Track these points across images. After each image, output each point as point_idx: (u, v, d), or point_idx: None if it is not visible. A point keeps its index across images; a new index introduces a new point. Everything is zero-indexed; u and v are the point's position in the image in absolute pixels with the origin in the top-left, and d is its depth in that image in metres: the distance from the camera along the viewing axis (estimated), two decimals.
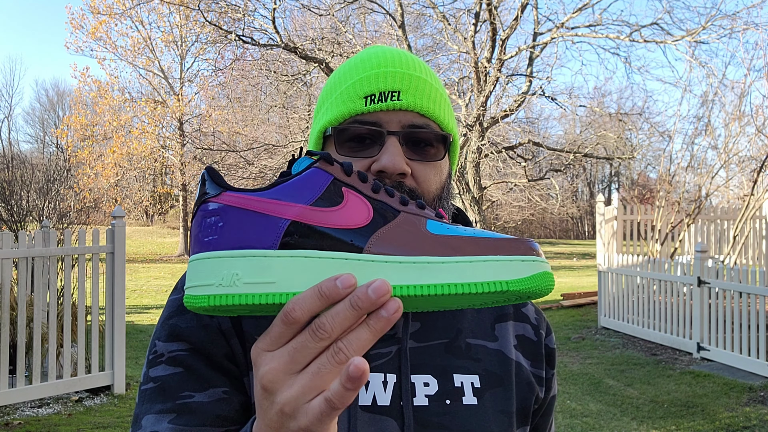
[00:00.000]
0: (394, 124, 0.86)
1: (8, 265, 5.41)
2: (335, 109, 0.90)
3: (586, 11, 11.44)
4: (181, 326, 0.84)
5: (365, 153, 0.86)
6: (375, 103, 0.86)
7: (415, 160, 0.87)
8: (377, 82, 0.87)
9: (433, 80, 0.93)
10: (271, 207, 0.56)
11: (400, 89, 0.87)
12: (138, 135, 24.83)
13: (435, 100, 0.90)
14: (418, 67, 0.91)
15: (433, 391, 0.85)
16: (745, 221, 9.81)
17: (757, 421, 5.20)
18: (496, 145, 12.03)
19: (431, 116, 0.88)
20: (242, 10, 10.83)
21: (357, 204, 0.57)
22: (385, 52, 0.92)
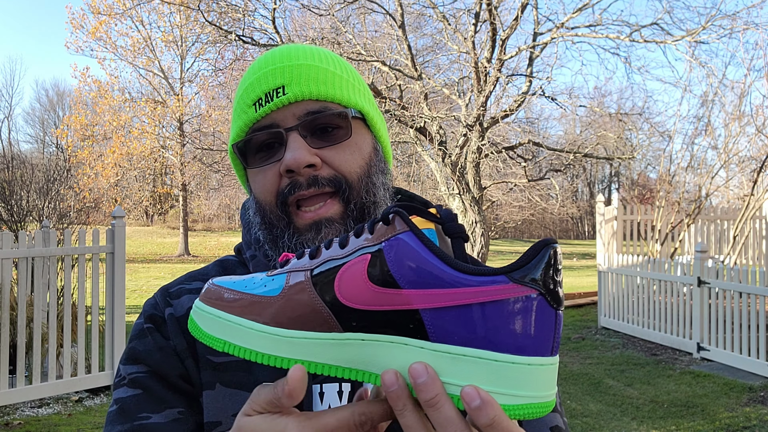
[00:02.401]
0: (289, 119, 0.84)
1: (8, 265, 5.41)
2: (235, 124, 0.88)
3: (586, 11, 11.43)
4: (139, 349, 0.86)
5: (274, 158, 0.84)
6: (263, 106, 0.84)
7: (324, 147, 0.84)
8: (260, 85, 0.85)
9: (325, 62, 0.89)
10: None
11: (283, 83, 0.84)
12: (138, 135, 24.83)
13: (326, 82, 0.86)
14: (303, 55, 0.88)
15: None
16: (745, 221, 9.81)
17: (757, 421, 5.20)
18: (496, 145, 12.03)
19: (326, 98, 0.85)
20: (242, 10, 10.83)
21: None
22: (268, 54, 0.90)
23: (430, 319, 0.51)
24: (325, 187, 0.83)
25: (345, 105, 0.87)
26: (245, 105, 0.86)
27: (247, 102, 0.86)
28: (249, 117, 0.85)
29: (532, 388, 0.50)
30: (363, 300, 0.53)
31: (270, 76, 0.85)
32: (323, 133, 0.85)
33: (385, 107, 10.24)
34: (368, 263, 0.53)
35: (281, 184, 0.84)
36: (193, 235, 28.97)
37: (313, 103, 0.84)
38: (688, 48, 10.54)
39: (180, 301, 0.89)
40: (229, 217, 37.62)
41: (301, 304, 0.55)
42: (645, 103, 20.20)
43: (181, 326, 0.86)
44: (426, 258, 0.51)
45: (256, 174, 0.87)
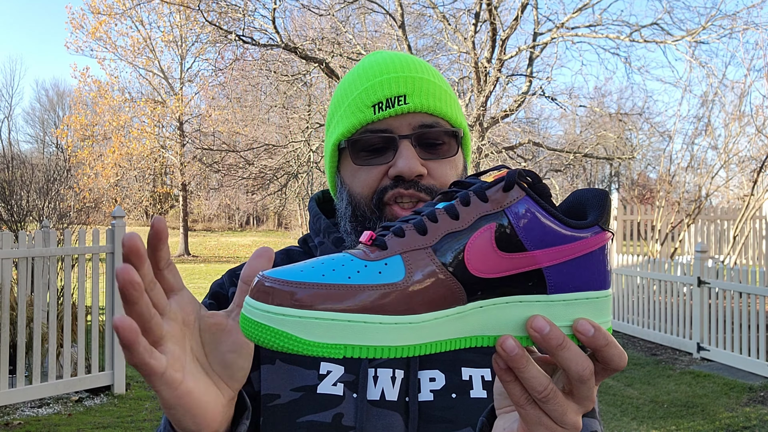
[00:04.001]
0: (404, 128, 0.89)
1: (8, 265, 5.41)
2: (346, 121, 0.92)
3: (586, 11, 11.43)
4: (212, 286, 0.98)
5: (381, 160, 0.89)
6: (383, 110, 0.88)
7: (430, 159, 0.90)
8: (383, 89, 0.89)
9: (437, 79, 0.94)
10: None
11: (405, 93, 0.89)
12: (138, 135, 24.82)
13: (441, 98, 0.91)
14: (420, 69, 0.93)
15: (440, 386, 0.85)
16: (745, 221, 9.81)
17: (757, 421, 5.20)
18: (496, 145, 12.03)
19: (440, 114, 0.90)
20: (242, 10, 10.83)
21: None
22: (386, 59, 0.94)
23: (552, 273, 0.55)
24: (422, 193, 0.88)
25: (453, 123, 0.93)
26: (363, 105, 0.90)
27: (366, 102, 0.90)
28: (366, 117, 0.89)
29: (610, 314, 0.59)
30: (492, 268, 0.54)
31: (393, 83, 0.90)
32: (431, 146, 0.90)
33: None
34: (494, 231, 0.54)
35: (381, 183, 0.89)
36: (193, 235, 28.97)
37: (428, 116, 0.90)
38: (688, 48, 10.55)
39: None
40: (229, 217, 37.61)
41: (434, 284, 0.53)
42: (645, 103, 20.21)
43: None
44: (546, 219, 0.55)
45: (358, 170, 0.91)
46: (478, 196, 0.55)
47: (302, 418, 0.82)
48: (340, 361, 0.86)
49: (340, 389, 0.84)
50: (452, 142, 0.92)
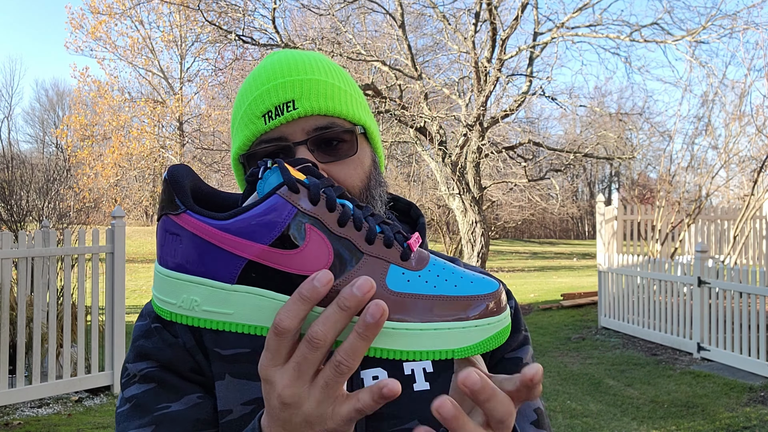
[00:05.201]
0: (298, 134, 0.86)
1: (8, 265, 5.41)
2: (240, 134, 0.90)
3: (586, 11, 11.43)
4: (148, 347, 0.87)
5: None
6: (273, 119, 0.86)
7: (331, 162, 0.87)
8: (270, 97, 0.87)
9: (331, 76, 0.91)
10: (230, 243, 0.55)
11: (294, 98, 0.86)
12: (137, 135, 24.81)
13: (334, 97, 0.88)
14: (311, 68, 0.90)
15: None
16: (745, 221, 9.81)
17: (758, 421, 5.20)
18: (496, 145, 12.02)
19: (334, 114, 0.88)
20: (242, 10, 10.82)
21: (318, 245, 0.55)
22: (274, 63, 0.91)
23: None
24: None
25: (351, 121, 0.89)
26: (253, 116, 0.87)
27: (255, 113, 0.87)
28: (257, 128, 0.87)
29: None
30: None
31: (280, 89, 0.87)
32: (330, 148, 0.87)
33: (385, 107, 10.24)
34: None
35: None
36: None
37: (322, 118, 0.87)
38: (689, 48, 10.54)
39: None
40: None
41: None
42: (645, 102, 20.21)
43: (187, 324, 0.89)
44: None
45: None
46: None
47: None
48: None
49: None
50: (352, 140, 0.89)
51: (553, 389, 6.26)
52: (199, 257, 0.55)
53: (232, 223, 0.55)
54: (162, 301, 0.58)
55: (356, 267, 0.56)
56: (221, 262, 0.55)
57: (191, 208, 0.56)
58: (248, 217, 0.55)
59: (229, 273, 0.55)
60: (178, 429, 0.81)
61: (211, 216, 0.56)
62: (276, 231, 0.54)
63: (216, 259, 0.55)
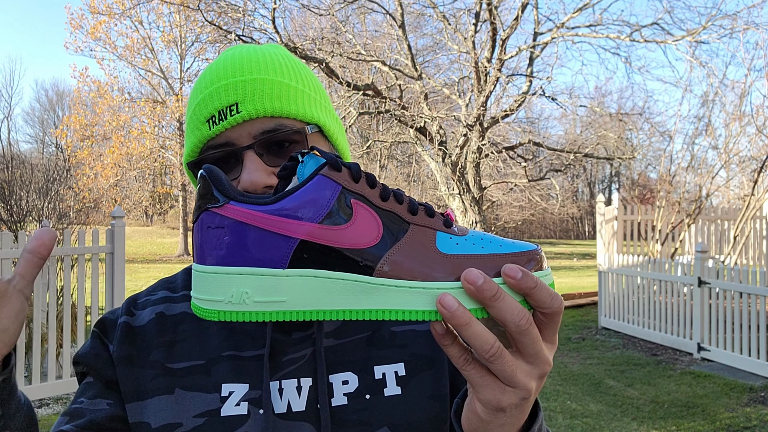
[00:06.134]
0: (245, 138, 0.82)
1: (8, 265, 5.41)
2: (188, 140, 0.87)
3: (586, 11, 11.44)
4: (81, 352, 0.90)
5: (231, 175, 0.82)
6: (217, 124, 0.82)
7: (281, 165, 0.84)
8: (212, 101, 0.83)
9: (281, 74, 0.86)
10: (279, 225, 0.54)
11: (237, 101, 0.82)
12: (137, 135, 24.82)
13: (281, 97, 0.84)
14: (257, 67, 0.85)
15: (353, 388, 0.82)
16: (745, 221, 9.80)
17: (758, 421, 5.20)
18: (496, 145, 12.03)
19: (281, 114, 0.83)
20: (242, 10, 10.82)
21: (366, 219, 0.56)
22: (219, 63, 0.87)
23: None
24: None
25: (302, 119, 0.85)
26: (198, 122, 0.84)
27: (200, 119, 0.84)
28: (203, 134, 0.84)
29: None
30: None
31: (222, 92, 0.83)
32: (280, 149, 0.83)
33: (385, 107, 10.24)
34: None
35: None
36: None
37: (269, 120, 0.82)
38: (689, 48, 10.54)
39: (143, 313, 0.91)
40: None
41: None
42: (645, 103, 20.22)
43: (134, 335, 0.88)
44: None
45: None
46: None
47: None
48: (243, 380, 0.82)
49: (244, 408, 0.80)
50: (303, 141, 0.84)
51: (553, 389, 6.26)
52: (247, 246, 0.55)
53: (281, 205, 0.55)
54: (206, 301, 0.56)
55: (406, 236, 0.57)
56: (272, 247, 0.54)
57: (234, 198, 0.56)
58: (295, 198, 0.55)
59: (281, 257, 0.54)
60: (79, 421, 0.82)
61: (257, 202, 0.56)
62: (324, 208, 0.55)
63: (266, 244, 0.54)
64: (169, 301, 0.91)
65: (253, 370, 0.83)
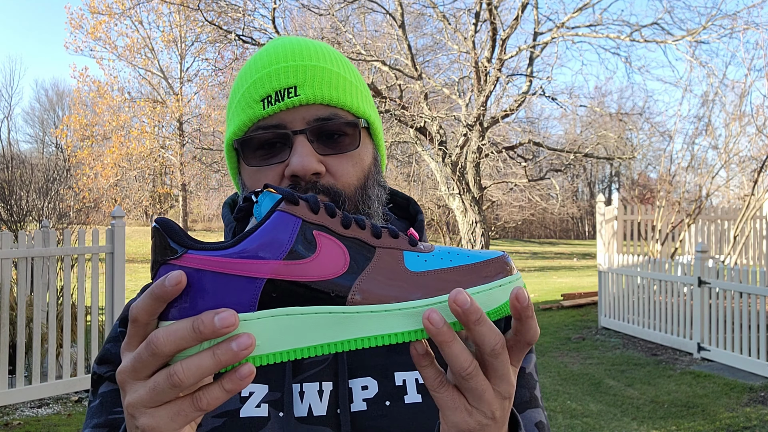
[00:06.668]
0: (298, 122, 0.81)
1: (8, 265, 5.40)
2: (237, 118, 0.85)
3: (586, 11, 11.44)
4: (112, 351, 0.88)
5: (277, 159, 0.82)
6: (273, 104, 0.81)
7: (329, 155, 0.82)
8: (271, 81, 0.82)
9: (336, 65, 0.86)
10: (242, 267, 0.52)
11: (296, 84, 0.81)
12: (137, 135, 24.82)
13: (338, 87, 0.83)
14: (315, 55, 0.85)
15: (372, 394, 0.81)
16: (745, 221, 9.80)
17: (758, 421, 5.20)
18: (496, 145, 12.03)
19: (337, 104, 0.83)
20: (242, 10, 10.82)
21: (331, 249, 0.55)
22: (277, 47, 0.87)
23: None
24: (322, 195, 0.80)
25: (354, 113, 0.85)
26: (251, 100, 0.83)
27: (254, 97, 0.83)
28: (255, 113, 0.82)
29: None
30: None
31: (282, 73, 0.82)
32: (330, 140, 0.83)
33: (385, 107, 10.23)
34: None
35: (280, 185, 0.81)
36: (193, 235, 28.86)
37: (324, 108, 0.82)
38: (689, 48, 10.54)
39: None
40: None
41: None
42: (645, 102, 20.22)
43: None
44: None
45: (255, 172, 0.84)
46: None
47: None
48: (263, 380, 0.81)
49: (265, 410, 0.79)
50: (354, 134, 0.84)
51: (553, 389, 6.26)
52: (212, 294, 0.52)
53: (241, 247, 0.53)
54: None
55: (373, 261, 0.56)
56: (237, 291, 0.52)
57: (192, 247, 0.53)
58: (255, 238, 0.53)
59: (249, 300, 0.52)
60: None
61: (215, 247, 0.53)
62: (286, 244, 0.53)
63: (230, 289, 0.52)
64: None
65: (275, 371, 0.82)
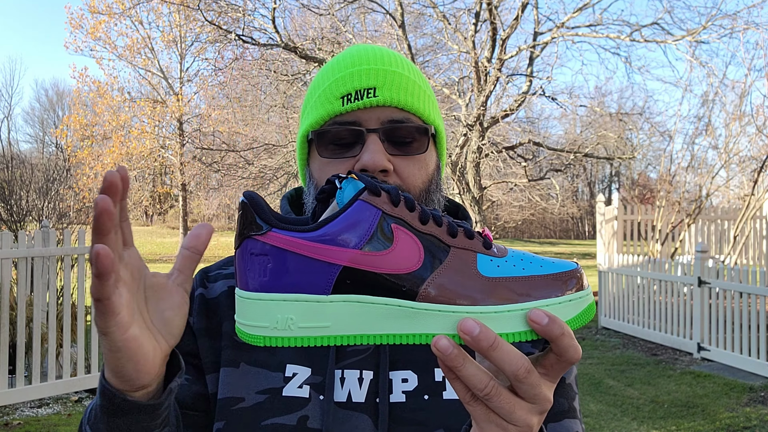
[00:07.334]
0: (373, 122, 0.87)
1: (8, 265, 5.40)
2: (315, 112, 0.90)
3: (586, 11, 11.44)
4: None
5: (348, 153, 0.87)
6: (352, 102, 0.86)
7: (398, 156, 0.87)
8: (352, 81, 0.87)
9: (412, 74, 0.92)
10: (322, 252, 0.55)
11: (375, 85, 0.87)
12: (137, 135, 24.81)
13: (413, 93, 0.89)
14: (394, 62, 0.91)
15: (412, 387, 0.84)
16: (745, 221, 9.81)
17: (758, 421, 5.20)
18: (496, 145, 12.03)
19: (410, 109, 0.88)
20: (242, 10, 10.82)
21: (407, 243, 0.56)
22: (360, 51, 0.92)
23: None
24: None
25: (425, 120, 0.90)
26: (332, 96, 0.88)
27: (335, 94, 0.88)
28: (334, 108, 0.87)
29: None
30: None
31: (363, 74, 0.88)
32: (400, 142, 0.88)
33: None
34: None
35: None
36: None
37: (398, 111, 0.87)
38: (689, 48, 10.54)
39: (215, 285, 0.95)
40: (228, 217, 37.59)
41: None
42: (645, 102, 20.22)
43: (208, 307, 0.92)
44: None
45: (326, 164, 0.89)
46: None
47: (267, 420, 0.82)
48: (307, 363, 0.85)
49: (306, 391, 0.83)
50: (423, 139, 0.89)
51: None
52: (291, 273, 0.55)
53: (322, 232, 0.55)
54: (251, 326, 0.57)
55: (447, 260, 0.57)
56: (315, 274, 0.55)
57: (276, 226, 0.56)
58: (337, 224, 0.56)
59: (324, 283, 0.55)
60: None
61: (298, 229, 0.56)
62: (365, 234, 0.55)
63: (309, 271, 0.55)
64: None
65: (318, 354, 0.85)
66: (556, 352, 0.56)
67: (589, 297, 0.59)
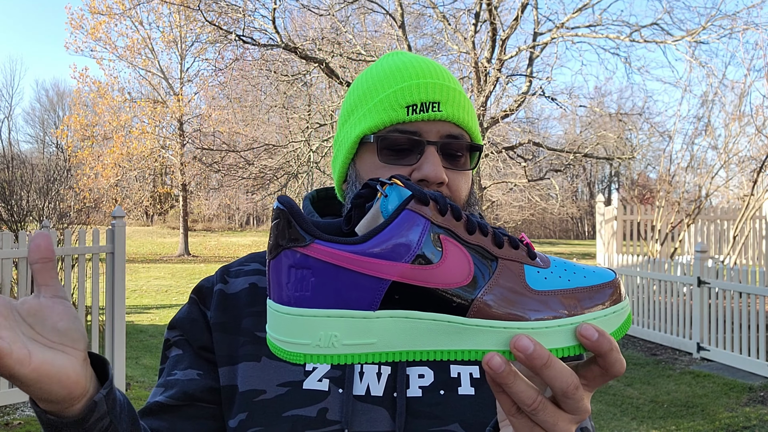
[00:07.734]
0: (433, 134, 0.91)
1: (8, 265, 5.41)
2: (375, 116, 0.93)
3: (586, 11, 11.43)
4: (178, 317, 0.98)
5: (405, 161, 0.91)
6: (417, 113, 0.90)
7: (449, 169, 0.92)
8: (419, 93, 0.91)
9: (463, 93, 0.97)
10: (370, 266, 0.52)
11: (440, 100, 0.91)
12: (138, 135, 24.81)
13: (469, 112, 0.95)
14: (452, 80, 0.96)
15: (428, 383, 0.87)
16: (745, 221, 9.81)
17: (757, 421, 5.20)
18: (496, 145, 12.03)
19: (466, 127, 0.93)
20: (242, 10, 10.83)
21: (457, 256, 0.54)
22: (420, 63, 0.96)
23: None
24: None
25: (473, 138, 0.95)
26: (396, 104, 0.91)
27: (400, 102, 0.91)
28: (398, 116, 0.91)
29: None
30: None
31: (430, 88, 0.91)
32: (452, 156, 0.93)
33: None
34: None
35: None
36: (193, 235, 28.97)
37: (456, 127, 0.92)
38: (688, 48, 10.55)
39: (236, 281, 0.98)
40: (229, 217, 37.61)
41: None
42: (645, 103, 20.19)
43: (227, 302, 0.95)
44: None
45: (381, 167, 0.92)
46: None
47: (288, 412, 0.85)
48: None
49: (326, 385, 0.86)
50: (472, 156, 0.95)
51: None
52: (336, 288, 0.52)
53: (370, 244, 0.52)
54: (291, 344, 0.53)
55: (496, 273, 0.55)
56: (362, 288, 0.52)
57: (320, 237, 0.52)
58: (384, 236, 0.52)
59: (372, 298, 0.52)
60: (173, 394, 0.90)
61: (344, 241, 0.52)
62: (415, 246, 0.52)
63: (357, 286, 0.52)
64: (261, 274, 0.98)
65: None
66: (603, 366, 0.56)
67: (628, 307, 0.58)
